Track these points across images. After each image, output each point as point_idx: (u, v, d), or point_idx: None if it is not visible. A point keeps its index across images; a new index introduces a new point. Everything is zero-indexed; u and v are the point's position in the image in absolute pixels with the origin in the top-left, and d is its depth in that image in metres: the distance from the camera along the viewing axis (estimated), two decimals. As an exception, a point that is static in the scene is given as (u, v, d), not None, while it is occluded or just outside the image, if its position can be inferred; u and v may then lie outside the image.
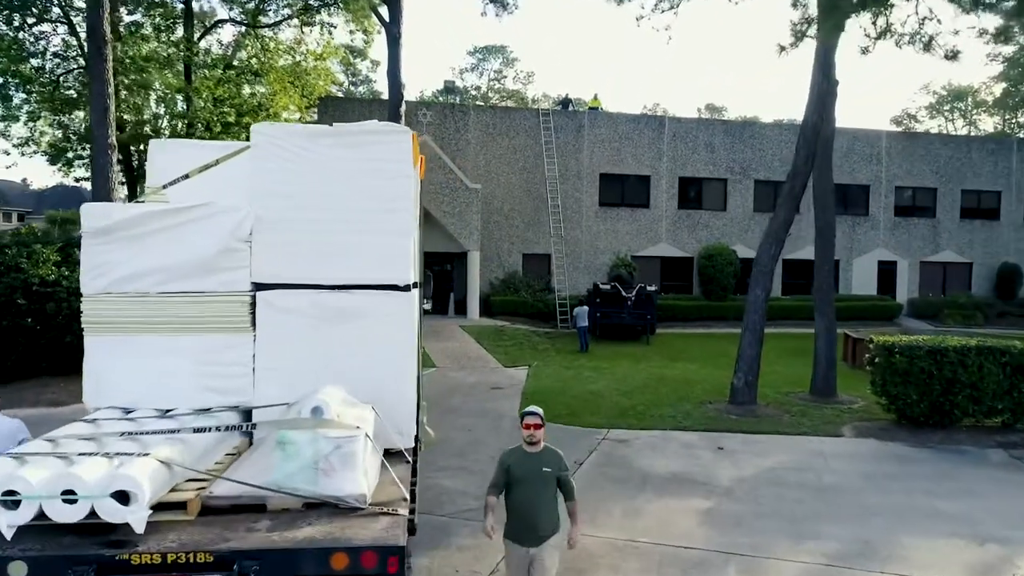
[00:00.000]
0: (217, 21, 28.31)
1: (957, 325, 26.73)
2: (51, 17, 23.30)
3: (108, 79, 14.26)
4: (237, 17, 27.49)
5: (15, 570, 3.32)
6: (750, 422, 12.14)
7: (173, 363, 5.03)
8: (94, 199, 14.12)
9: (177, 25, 25.72)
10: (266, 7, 26.93)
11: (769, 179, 28.90)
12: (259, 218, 5.04)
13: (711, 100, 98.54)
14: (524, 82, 65.73)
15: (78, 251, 5.78)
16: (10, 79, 22.67)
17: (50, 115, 25.45)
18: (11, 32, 22.31)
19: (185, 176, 5.76)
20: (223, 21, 28.11)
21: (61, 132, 26.39)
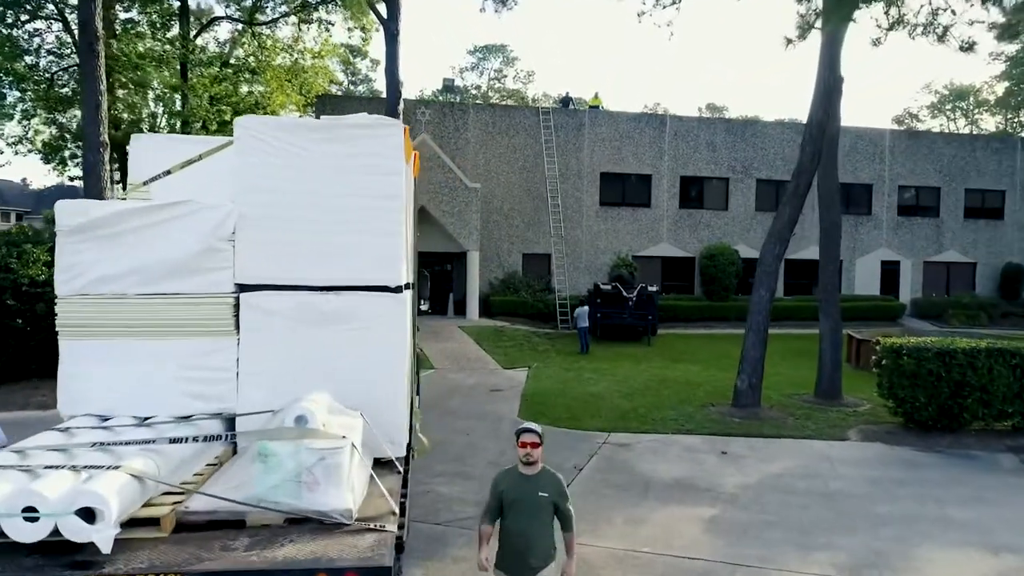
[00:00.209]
0: (214, 18, 28.08)
1: (961, 326, 26.50)
2: (45, 14, 23.06)
3: (100, 76, 14.02)
4: (234, 14, 27.26)
5: None
6: (754, 425, 11.89)
7: (152, 368, 4.81)
8: (86, 198, 13.88)
9: (173, 22, 25.48)
10: (263, 4, 26.69)
11: (771, 178, 28.68)
12: (243, 216, 4.82)
13: (712, 99, 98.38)
14: (524, 81, 65.54)
15: None
16: (4, 77, 22.43)
17: (45, 113, 25.21)
18: (4, 29, 22.06)
19: (167, 172, 5.51)
20: (219, 18, 27.88)
21: (56, 130, 26.15)
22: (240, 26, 27.53)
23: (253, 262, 4.84)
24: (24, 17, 22.68)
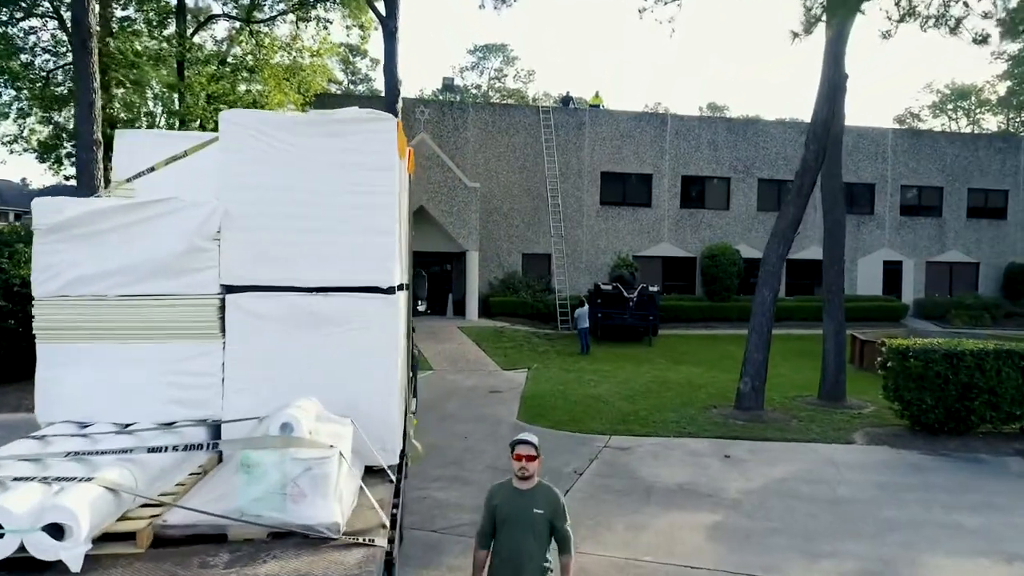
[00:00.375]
0: (211, 16, 27.84)
1: (964, 326, 26.29)
2: (40, 11, 22.83)
3: (94, 73, 13.83)
4: (231, 12, 27.03)
5: None
6: (757, 428, 11.69)
7: (134, 373, 4.61)
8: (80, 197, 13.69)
9: (170, 20, 25.24)
10: (261, 2, 26.47)
11: (773, 178, 28.49)
12: (228, 214, 4.63)
13: (713, 99, 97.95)
14: (525, 81, 65.42)
15: None
16: (-2, 75, 22.22)
17: (40, 112, 24.98)
18: (-1, 27, 21.87)
19: (151, 169, 5.32)
20: (217, 16, 27.63)
21: (52, 129, 25.92)
22: (238, 24, 27.30)
23: (239, 262, 4.65)
24: (19, 15, 22.45)
